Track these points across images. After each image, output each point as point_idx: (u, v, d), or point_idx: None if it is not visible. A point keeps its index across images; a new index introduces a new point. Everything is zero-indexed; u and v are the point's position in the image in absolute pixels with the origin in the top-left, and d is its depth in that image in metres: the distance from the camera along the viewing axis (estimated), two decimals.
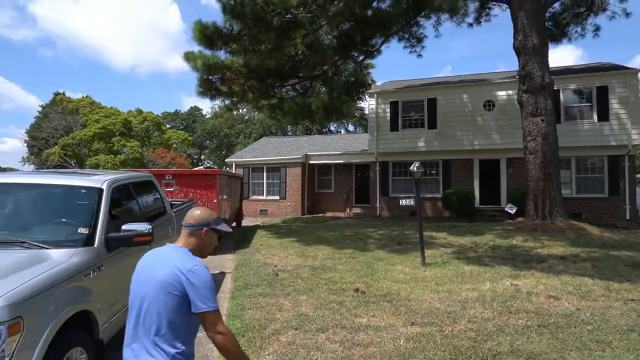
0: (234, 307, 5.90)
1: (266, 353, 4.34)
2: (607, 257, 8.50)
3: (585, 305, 5.69)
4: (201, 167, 36.73)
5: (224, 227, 2.26)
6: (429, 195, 18.80)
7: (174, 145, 51.15)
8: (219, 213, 10.37)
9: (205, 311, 1.94)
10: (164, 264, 2.03)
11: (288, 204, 21.24)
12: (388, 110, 19.49)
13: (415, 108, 19.31)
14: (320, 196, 22.37)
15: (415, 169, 7.71)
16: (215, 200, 10.12)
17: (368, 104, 20.44)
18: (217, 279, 7.69)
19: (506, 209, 14.66)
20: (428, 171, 19.25)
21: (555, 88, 14.09)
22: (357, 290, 6.39)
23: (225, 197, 11.75)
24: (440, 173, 18.99)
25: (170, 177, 10.26)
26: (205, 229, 2.17)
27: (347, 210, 20.66)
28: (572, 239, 10.49)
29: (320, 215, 20.60)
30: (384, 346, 4.44)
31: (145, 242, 3.95)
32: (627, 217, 15.76)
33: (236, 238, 12.68)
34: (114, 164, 38.49)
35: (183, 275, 1.96)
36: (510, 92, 17.38)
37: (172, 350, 1.96)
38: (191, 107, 70.44)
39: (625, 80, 16.38)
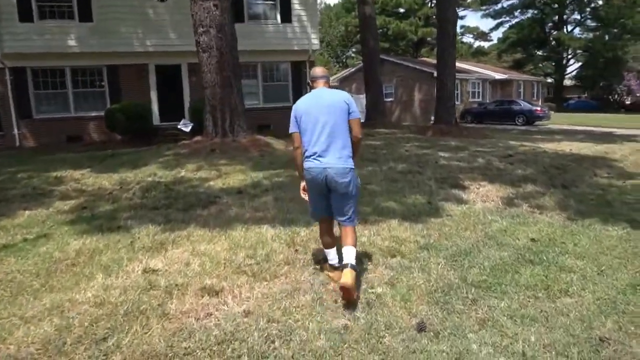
0: None
1: None
2: (292, 181, 6.61)
3: (252, 306, 3.19)
4: None
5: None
6: (94, 114, 14.15)
7: None
8: None
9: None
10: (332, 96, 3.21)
11: None
12: None
13: None
14: None
15: None
16: None
17: None
18: None
19: (179, 127, 11.81)
20: (90, 81, 14.40)
21: None
22: None
23: None
24: (106, 84, 14.38)
25: None
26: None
27: None
28: (255, 159, 8.44)
29: None
30: None
31: None
32: None
33: None
34: None
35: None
36: None
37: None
38: None
39: None
